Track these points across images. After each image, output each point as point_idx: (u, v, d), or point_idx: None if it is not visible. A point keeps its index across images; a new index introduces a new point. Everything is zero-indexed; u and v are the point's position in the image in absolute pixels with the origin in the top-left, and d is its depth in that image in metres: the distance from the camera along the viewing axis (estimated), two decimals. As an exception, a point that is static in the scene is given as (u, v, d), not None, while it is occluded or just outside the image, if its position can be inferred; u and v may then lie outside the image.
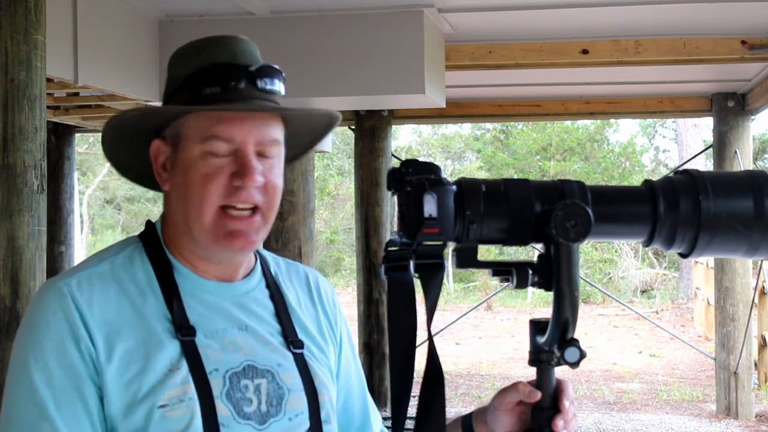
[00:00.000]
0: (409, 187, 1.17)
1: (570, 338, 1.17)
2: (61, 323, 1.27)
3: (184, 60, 1.37)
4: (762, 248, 1.19)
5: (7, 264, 2.99)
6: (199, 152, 1.32)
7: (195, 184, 1.32)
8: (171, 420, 1.26)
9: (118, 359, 1.27)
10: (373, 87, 5.14)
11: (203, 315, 1.35)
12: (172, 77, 1.38)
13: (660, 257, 18.97)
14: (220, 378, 1.31)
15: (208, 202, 1.31)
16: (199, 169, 1.32)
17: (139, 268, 1.36)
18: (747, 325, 7.74)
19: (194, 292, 1.36)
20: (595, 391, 9.56)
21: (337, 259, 20.36)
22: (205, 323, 1.34)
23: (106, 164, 21.01)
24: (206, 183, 1.31)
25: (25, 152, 3.01)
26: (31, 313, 1.31)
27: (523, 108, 8.60)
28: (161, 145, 1.37)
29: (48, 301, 1.30)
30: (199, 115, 1.32)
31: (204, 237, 1.34)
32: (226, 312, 1.38)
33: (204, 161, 1.31)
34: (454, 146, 23.08)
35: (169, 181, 1.36)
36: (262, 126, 1.33)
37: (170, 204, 1.38)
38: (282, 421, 1.35)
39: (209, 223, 1.32)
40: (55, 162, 8.02)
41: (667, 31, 5.69)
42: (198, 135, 1.32)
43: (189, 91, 1.34)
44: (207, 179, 1.31)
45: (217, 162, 1.31)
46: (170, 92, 1.38)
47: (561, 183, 1.21)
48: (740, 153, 7.71)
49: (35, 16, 3.05)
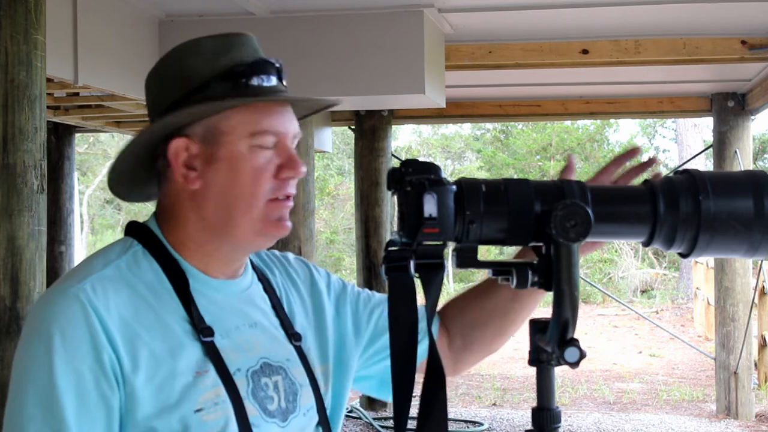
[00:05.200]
0: (409, 187, 1.17)
1: (570, 338, 1.16)
2: (81, 333, 1.22)
3: (204, 57, 1.34)
4: (762, 248, 1.19)
5: (7, 264, 2.99)
6: (248, 146, 1.31)
7: (245, 179, 1.31)
8: (208, 424, 1.25)
9: (145, 365, 1.24)
10: (373, 87, 5.14)
11: (216, 314, 1.34)
12: (186, 75, 1.34)
13: (660, 257, 18.97)
14: (244, 378, 1.31)
15: (261, 195, 1.31)
16: (250, 163, 1.31)
17: (146, 269, 1.32)
18: (747, 325, 7.74)
19: (204, 292, 1.35)
20: (595, 391, 9.56)
21: (337, 259, 20.36)
22: (219, 323, 1.33)
23: (107, 164, 21.03)
24: (258, 177, 1.31)
25: (25, 152, 3.01)
26: (43, 322, 1.24)
27: (523, 108, 8.60)
28: (187, 143, 1.32)
29: (62, 310, 1.24)
30: (244, 109, 1.31)
31: (250, 230, 1.33)
32: (236, 310, 1.37)
33: (254, 155, 1.31)
34: (454, 146, 23.07)
35: (201, 178, 1.33)
36: (294, 119, 1.37)
37: (196, 201, 1.34)
38: (299, 416, 1.36)
39: (259, 214, 1.32)
40: (55, 162, 8.02)
41: (667, 31, 5.69)
42: (246, 129, 1.31)
43: (231, 84, 1.32)
44: (259, 173, 1.31)
45: (267, 155, 1.32)
46: (197, 87, 1.33)
47: (561, 183, 1.21)
48: (740, 153, 7.71)
49: (35, 16, 3.05)
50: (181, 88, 1.33)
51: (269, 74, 1.34)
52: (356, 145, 8.10)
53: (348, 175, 21.59)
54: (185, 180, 1.33)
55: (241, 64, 1.33)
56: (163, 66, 1.37)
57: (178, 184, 1.34)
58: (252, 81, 1.32)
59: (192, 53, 1.34)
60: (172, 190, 1.36)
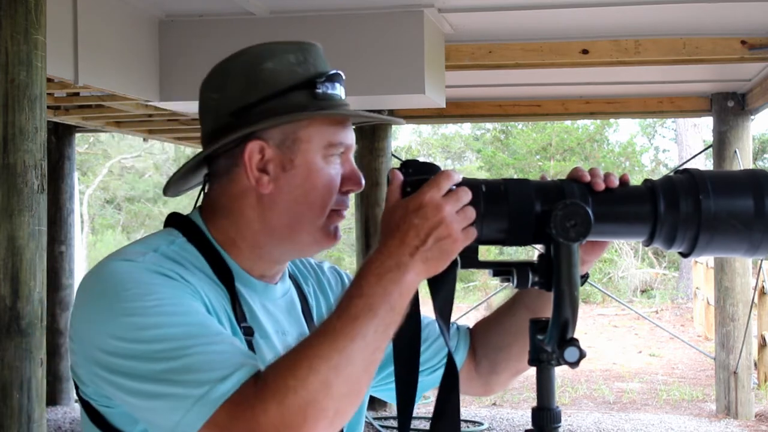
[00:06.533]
0: (409, 188, 1.17)
1: (570, 338, 1.17)
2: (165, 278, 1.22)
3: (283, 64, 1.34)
4: (762, 247, 1.20)
5: (8, 264, 2.99)
6: (323, 156, 1.33)
7: (319, 188, 1.32)
8: None
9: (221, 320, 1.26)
10: (373, 87, 5.14)
11: (254, 315, 1.34)
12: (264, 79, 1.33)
13: (660, 257, 18.97)
14: None
15: (329, 206, 1.33)
16: (325, 173, 1.33)
17: (195, 257, 1.32)
18: (747, 324, 7.74)
19: (245, 292, 1.35)
20: (595, 390, 9.56)
21: (337, 259, 20.35)
22: (257, 324, 1.34)
23: (107, 164, 21.03)
24: (331, 187, 1.33)
25: (25, 152, 3.02)
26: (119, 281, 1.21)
27: (523, 108, 8.60)
28: (263, 147, 1.32)
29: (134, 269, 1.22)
30: (321, 120, 1.33)
31: (311, 238, 1.34)
32: (271, 315, 1.37)
33: (328, 165, 1.33)
34: (454, 146, 23.06)
35: (273, 182, 1.33)
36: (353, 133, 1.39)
37: (263, 204, 1.33)
38: None
39: (322, 223, 1.33)
40: (55, 162, 8.02)
41: (667, 31, 5.69)
42: (322, 140, 1.33)
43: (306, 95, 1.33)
44: (332, 183, 1.33)
45: (337, 168, 1.34)
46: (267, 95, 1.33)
47: (561, 183, 1.21)
48: (740, 153, 7.71)
49: (35, 16, 3.05)
50: (256, 92, 1.33)
51: (341, 85, 1.38)
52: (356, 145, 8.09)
53: (348, 175, 21.55)
54: (257, 183, 1.33)
55: (321, 74, 1.35)
56: (235, 67, 1.36)
57: (244, 185, 1.34)
58: (329, 92, 1.35)
59: (268, 58, 1.34)
60: (235, 189, 1.34)
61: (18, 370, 3.00)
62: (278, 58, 1.34)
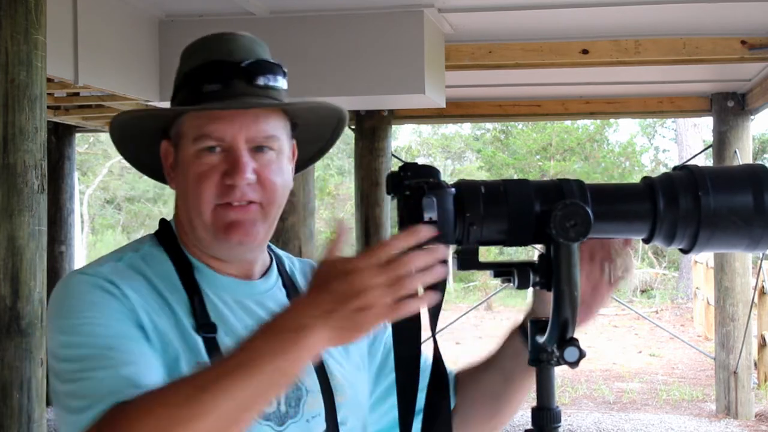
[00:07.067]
0: (408, 192, 1.16)
1: (570, 338, 1.17)
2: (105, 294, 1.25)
3: (186, 57, 1.38)
4: (763, 242, 1.19)
5: (8, 264, 2.99)
6: (193, 151, 1.32)
7: (192, 183, 1.32)
8: None
9: (158, 339, 1.26)
10: (373, 87, 5.14)
11: (223, 312, 1.34)
12: (177, 75, 1.39)
13: (660, 257, 18.97)
14: None
15: (204, 201, 1.31)
16: (194, 169, 1.32)
17: (161, 262, 1.34)
18: (747, 324, 7.74)
19: (214, 290, 1.35)
20: (595, 390, 9.56)
21: (337, 259, 20.30)
22: (226, 320, 1.33)
23: (107, 164, 21.02)
24: (200, 182, 1.31)
25: (25, 152, 3.01)
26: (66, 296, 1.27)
27: (523, 108, 8.60)
28: (168, 146, 1.37)
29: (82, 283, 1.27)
30: (195, 114, 1.32)
31: (205, 234, 1.34)
32: (248, 310, 1.36)
33: (198, 160, 1.32)
34: (454, 146, 23.06)
35: (174, 180, 1.37)
36: (254, 122, 1.32)
37: (178, 203, 1.39)
38: (300, 422, 1.33)
39: (208, 219, 1.32)
40: (55, 162, 8.02)
41: (667, 31, 5.69)
42: (192, 134, 1.32)
43: (187, 89, 1.34)
44: (201, 178, 1.31)
45: (210, 160, 1.31)
46: (174, 90, 1.39)
47: (560, 183, 1.21)
48: (740, 153, 7.72)
49: (35, 16, 3.05)
50: (174, 86, 1.39)
51: (228, 78, 1.32)
52: (356, 145, 8.10)
53: (348, 175, 21.59)
54: (170, 181, 1.39)
55: (194, 68, 1.34)
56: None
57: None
58: (204, 86, 1.32)
59: (183, 52, 1.39)
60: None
61: (18, 370, 3.00)
62: (187, 54, 1.38)
